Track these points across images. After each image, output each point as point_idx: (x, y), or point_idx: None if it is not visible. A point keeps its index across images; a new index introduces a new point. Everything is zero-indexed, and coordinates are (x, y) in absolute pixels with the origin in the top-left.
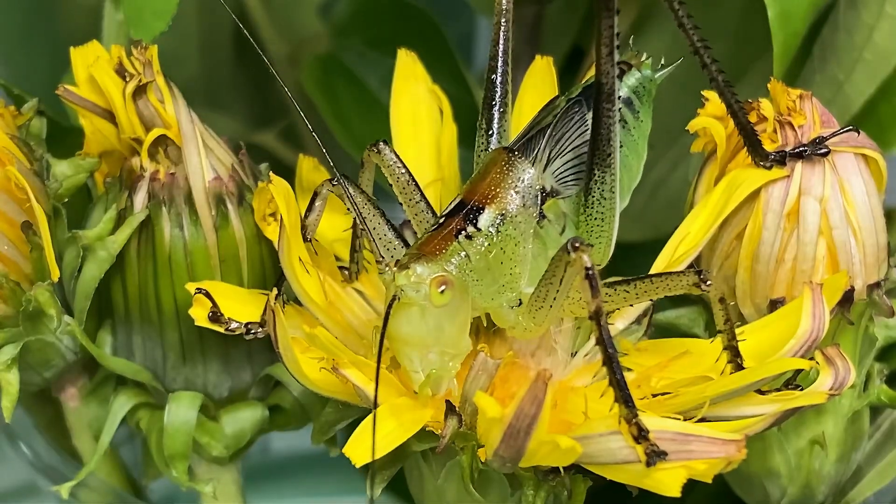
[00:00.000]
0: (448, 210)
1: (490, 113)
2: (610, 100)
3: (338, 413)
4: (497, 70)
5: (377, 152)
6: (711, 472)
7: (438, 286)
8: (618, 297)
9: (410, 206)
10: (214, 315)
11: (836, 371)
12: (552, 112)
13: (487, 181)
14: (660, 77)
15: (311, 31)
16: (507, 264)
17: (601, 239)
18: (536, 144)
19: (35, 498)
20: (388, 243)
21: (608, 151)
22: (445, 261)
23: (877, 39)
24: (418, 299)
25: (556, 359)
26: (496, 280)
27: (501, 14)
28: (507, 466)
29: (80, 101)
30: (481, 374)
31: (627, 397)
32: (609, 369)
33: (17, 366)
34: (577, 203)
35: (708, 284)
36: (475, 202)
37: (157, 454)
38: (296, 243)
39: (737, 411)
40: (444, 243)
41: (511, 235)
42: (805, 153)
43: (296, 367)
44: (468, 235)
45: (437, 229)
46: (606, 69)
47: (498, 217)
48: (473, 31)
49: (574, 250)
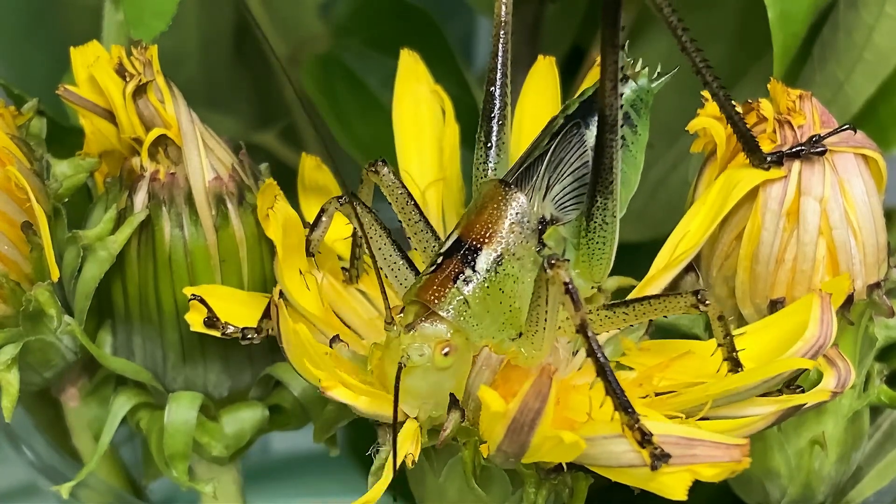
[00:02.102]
0: (445, 248)
1: (489, 125)
2: (613, 131)
3: (339, 411)
4: (496, 82)
5: (375, 172)
6: (717, 477)
7: (442, 350)
8: (617, 319)
9: (410, 225)
10: (210, 320)
11: (837, 371)
12: (550, 133)
13: (484, 218)
14: (657, 87)
15: (311, 31)
16: (507, 302)
17: (602, 260)
18: (535, 172)
19: (35, 498)
20: (394, 264)
21: (610, 179)
22: (445, 308)
23: (877, 39)
24: (422, 362)
25: (557, 357)
26: (496, 319)
27: (500, 25)
28: (510, 462)
29: (80, 101)
30: (485, 369)
31: (626, 404)
32: (604, 379)
33: (17, 366)
34: (577, 226)
35: (706, 304)
36: (472, 241)
37: (157, 454)
38: (290, 265)
39: (739, 410)
40: (442, 289)
41: (510, 274)
42: (802, 153)
43: (299, 362)
44: (466, 279)
45: (435, 271)
46: (610, 102)
47: (496, 256)
48: (473, 31)
49: (551, 267)
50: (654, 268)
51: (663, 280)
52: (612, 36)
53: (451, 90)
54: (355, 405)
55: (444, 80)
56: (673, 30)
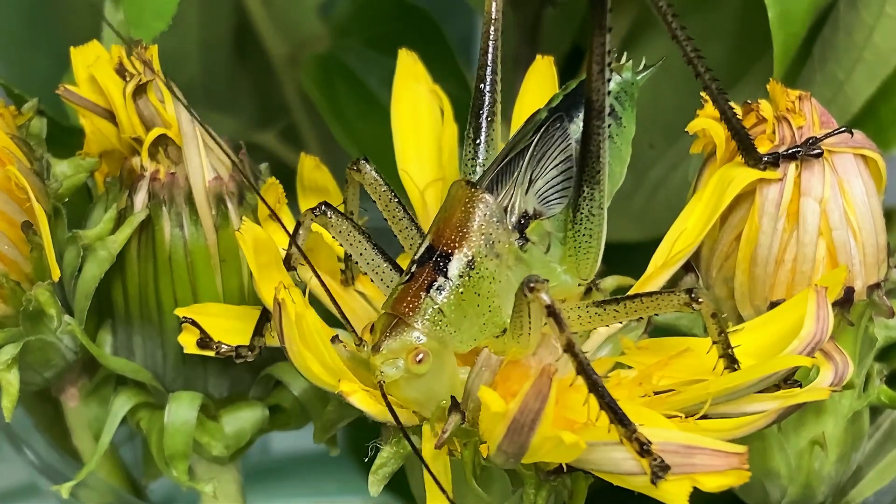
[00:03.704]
0: (418, 255)
1: (478, 122)
2: (600, 117)
3: (339, 412)
4: (486, 79)
5: (357, 170)
6: (718, 488)
7: (415, 359)
8: (607, 316)
9: (395, 222)
10: (203, 341)
11: (835, 366)
12: (533, 127)
13: (453, 222)
14: (642, 79)
15: (311, 31)
16: (485, 304)
17: (589, 254)
18: (517, 166)
19: (35, 498)
20: (377, 267)
21: (597, 168)
22: (419, 321)
23: (877, 39)
24: (399, 374)
25: (556, 357)
26: (475, 322)
27: (491, 23)
28: (510, 462)
29: (80, 101)
30: (484, 369)
31: (621, 417)
32: (596, 395)
33: (17, 366)
34: (563, 220)
35: (699, 303)
36: (442, 248)
37: (157, 454)
38: (267, 284)
39: (738, 408)
40: (415, 301)
41: (484, 276)
42: (798, 154)
43: (301, 361)
44: (439, 288)
45: (408, 282)
46: (597, 86)
47: (467, 261)
48: (473, 31)
49: (531, 291)
50: (652, 266)
51: (661, 279)
52: (600, 17)
53: (451, 90)
54: (370, 413)
55: (444, 79)
56: (668, 25)
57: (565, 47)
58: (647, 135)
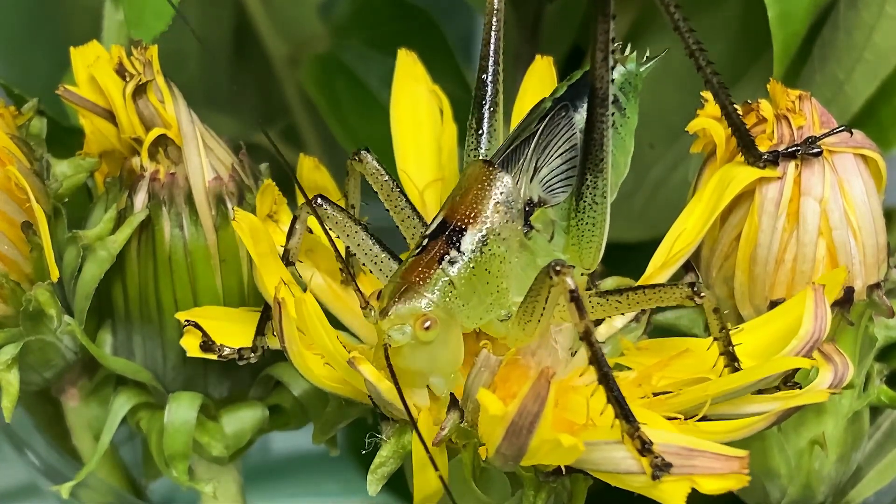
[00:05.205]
0: (430, 230)
1: (480, 112)
2: (604, 105)
3: (339, 412)
4: (488, 70)
5: (359, 161)
6: (717, 490)
7: (422, 325)
8: (609, 307)
9: (396, 212)
10: (206, 344)
11: (835, 367)
12: (538, 116)
13: (469, 199)
14: (645, 71)
15: (311, 31)
16: (494, 283)
17: (591, 244)
18: (522, 154)
19: (35, 498)
20: (375, 257)
21: (601, 156)
22: (430, 290)
23: (877, 39)
24: (406, 340)
25: (556, 358)
26: (483, 300)
27: (493, 13)
28: (508, 465)
29: (80, 101)
30: (484, 370)
31: (627, 412)
32: (605, 387)
33: (17, 366)
34: (566, 209)
35: (701, 296)
36: (456, 222)
37: (157, 454)
38: (268, 272)
39: (738, 410)
40: (427, 271)
41: (496, 254)
42: (798, 153)
43: (301, 362)
44: (451, 261)
45: (420, 253)
46: (601, 74)
47: (481, 237)
48: (473, 31)
49: (556, 274)
50: (652, 266)
51: (661, 279)
52: (604, 4)
53: (451, 90)
54: (378, 387)
55: (444, 79)
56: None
57: (565, 47)
58: (647, 135)
